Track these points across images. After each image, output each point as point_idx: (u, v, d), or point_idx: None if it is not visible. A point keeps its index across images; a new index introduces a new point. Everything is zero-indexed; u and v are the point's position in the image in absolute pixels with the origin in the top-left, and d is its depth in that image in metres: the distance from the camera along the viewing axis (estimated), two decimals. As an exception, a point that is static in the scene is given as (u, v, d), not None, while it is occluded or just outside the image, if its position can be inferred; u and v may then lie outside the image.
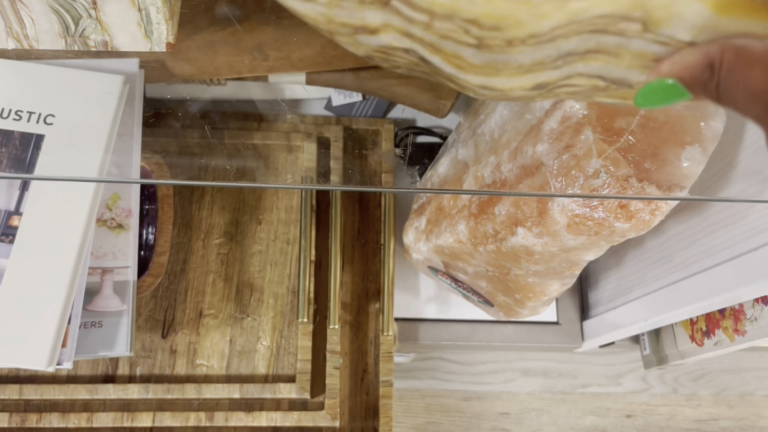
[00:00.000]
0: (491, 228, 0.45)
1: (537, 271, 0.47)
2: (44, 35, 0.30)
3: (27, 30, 0.30)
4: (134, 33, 0.31)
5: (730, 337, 0.48)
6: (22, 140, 0.50)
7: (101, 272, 0.52)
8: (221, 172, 0.65)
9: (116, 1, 0.29)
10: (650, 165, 0.36)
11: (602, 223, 0.38)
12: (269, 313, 0.61)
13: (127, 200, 0.53)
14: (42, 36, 0.30)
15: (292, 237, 0.63)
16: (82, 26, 0.30)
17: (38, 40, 0.30)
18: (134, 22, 0.30)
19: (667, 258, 0.51)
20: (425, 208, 0.54)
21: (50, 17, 0.29)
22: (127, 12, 0.29)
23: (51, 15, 0.29)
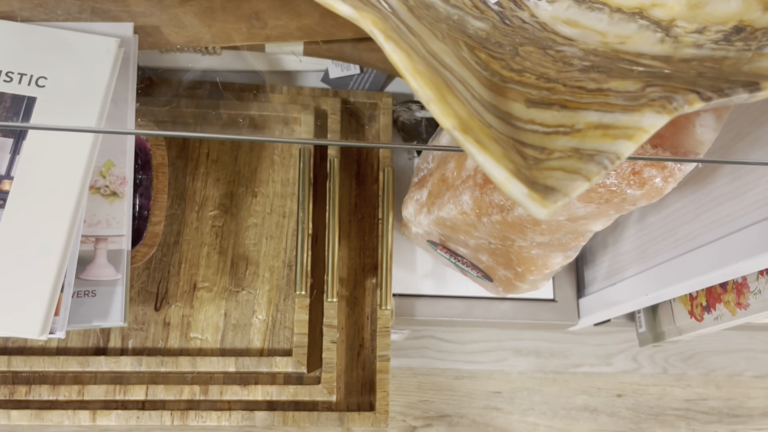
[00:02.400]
0: (497, 197, 0.44)
1: (541, 242, 0.46)
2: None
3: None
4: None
5: (732, 311, 0.48)
6: (13, 102, 0.48)
7: (95, 240, 0.50)
8: (216, 142, 0.63)
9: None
10: (664, 131, 0.36)
11: (614, 190, 0.38)
12: (265, 287, 0.60)
13: (121, 168, 0.52)
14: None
15: (288, 210, 0.62)
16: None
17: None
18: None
19: (669, 233, 0.51)
20: (427, 180, 0.53)
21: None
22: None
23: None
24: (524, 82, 0.28)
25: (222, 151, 0.63)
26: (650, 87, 0.24)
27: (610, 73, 0.26)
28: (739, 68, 0.24)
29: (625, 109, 0.24)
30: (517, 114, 0.27)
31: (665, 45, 0.27)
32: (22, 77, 0.49)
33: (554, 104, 0.26)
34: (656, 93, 0.24)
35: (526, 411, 0.79)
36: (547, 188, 0.22)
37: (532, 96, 0.27)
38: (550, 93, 0.27)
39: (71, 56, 0.50)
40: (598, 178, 0.22)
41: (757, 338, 0.85)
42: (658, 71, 0.26)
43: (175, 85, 0.63)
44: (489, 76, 0.29)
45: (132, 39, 0.55)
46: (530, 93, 0.27)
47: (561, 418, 0.79)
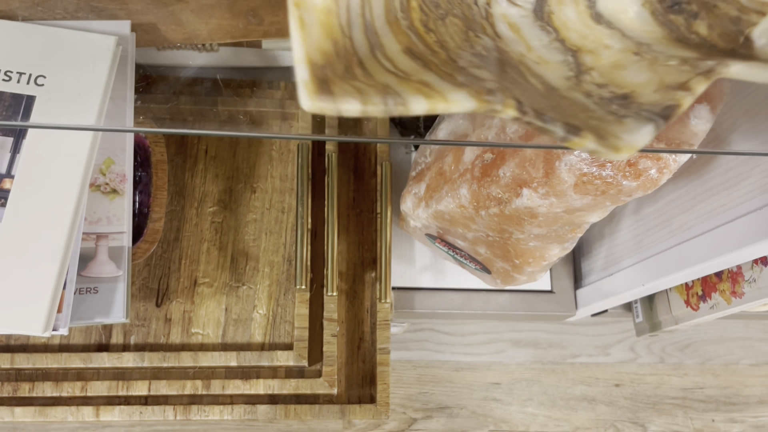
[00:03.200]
0: (495, 190, 0.44)
1: (539, 234, 0.47)
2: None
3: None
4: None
5: (727, 299, 0.49)
6: (12, 101, 0.48)
7: (95, 237, 0.50)
8: (215, 140, 0.64)
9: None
10: (659, 123, 0.36)
11: (610, 181, 0.38)
12: (265, 282, 0.60)
13: (121, 165, 0.52)
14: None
15: (287, 206, 0.63)
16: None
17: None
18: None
19: (665, 223, 0.51)
20: (424, 174, 0.54)
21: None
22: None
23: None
24: (424, 39, 0.29)
25: (220, 148, 0.64)
26: (494, 83, 0.25)
27: (489, 68, 0.27)
28: (587, 119, 0.24)
29: (453, 82, 0.25)
30: (388, 50, 0.28)
31: (566, 81, 0.28)
32: (21, 76, 0.49)
33: (422, 61, 0.27)
34: (488, 85, 0.25)
35: (525, 402, 0.79)
36: (328, 90, 0.24)
37: (415, 49, 0.28)
38: (433, 56, 0.28)
39: (70, 55, 0.51)
40: (365, 107, 0.24)
41: (753, 327, 0.85)
42: (529, 86, 0.27)
43: (172, 82, 0.64)
44: (399, 15, 0.30)
45: (129, 37, 0.55)
46: (417, 46, 0.28)
47: (560, 408, 0.80)
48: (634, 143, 0.23)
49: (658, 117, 0.24)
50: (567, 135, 0.24)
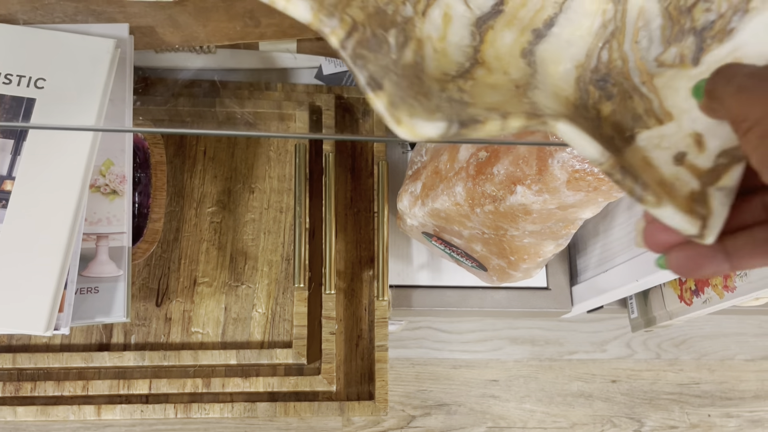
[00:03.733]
0: (490, 188, 0.45)
1: (533, 231, 0.48)
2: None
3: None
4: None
5: (719, 294, 0.50)
6: (12, 104, 0.49)
7: (96, 238, 0.51)
8: (213, 139, 0.64)
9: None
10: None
11: (602, 177, 0.39)
12: (264, 281, 0.61)
13: (120, 166, 0.53)
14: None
15: (285, 205, 0.63)
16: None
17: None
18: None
19: (658, 219, 0.52)
20: (421, 172, 0.55)
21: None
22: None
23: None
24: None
25: (219, 149, 0.64)
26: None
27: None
28: (405, 90, 0.25)
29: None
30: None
31: (439, 73, 0.28)
32: (21, 79, 0.50)
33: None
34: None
35: (523, 398, 0.80)
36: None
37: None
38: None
39: (69, 58, 0.51)
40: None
41: (748, 322, 0.86)
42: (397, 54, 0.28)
43: (171, 84, 0.64)
44: None
45: (128, 39, 0.56)
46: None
47: (557, 405, 0.80)
48: (417, 126, 0.23)
49: (457, 121, 0.24)
50: (366, 85, 0.24)
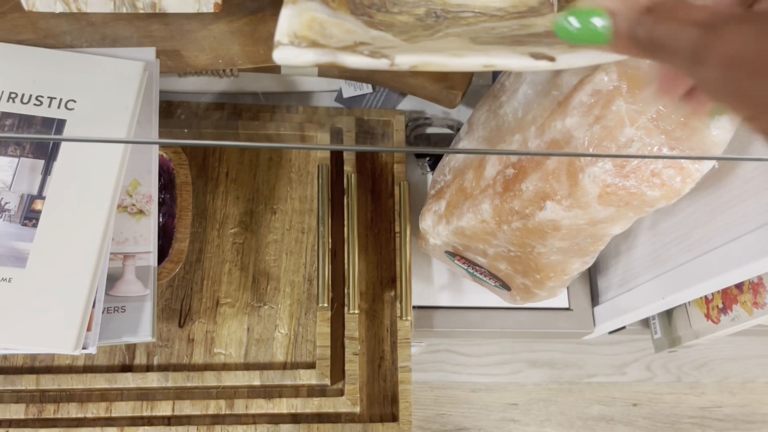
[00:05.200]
0: (518, 205, 0.45)
1: (561, 247, 0.48)
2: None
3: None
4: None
5: (748, 311, 0.49)
6: (43, 125, 0.50)
7: (123, 257, 0.51)
8: (235, 160, 0.65)
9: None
10: (681, 133, 0.37)
11: (634, 192, 0.39)
12: (286, 302, 0.61)
13: (147, 186, 0.53)
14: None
15: (307, 226, 0.63)
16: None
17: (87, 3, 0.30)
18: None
19: (683, 237, 0.52)
20: (444, 191, 0.55)
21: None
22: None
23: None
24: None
25: (241, 170, 0.65)
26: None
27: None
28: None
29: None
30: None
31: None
32: (52, 101, 0.51)
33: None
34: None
35: (543, 422, 0.79)
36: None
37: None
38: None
39: (99, 79, 0.52)
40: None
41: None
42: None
43: (194, 107, 0.65)
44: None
45: (154, 63, 0.57)
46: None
47: (577, 429, 0.79)
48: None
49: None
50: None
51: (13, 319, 0.45)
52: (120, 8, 0.30)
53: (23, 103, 0.50)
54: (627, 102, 0.38)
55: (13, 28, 0.53)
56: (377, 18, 0.34)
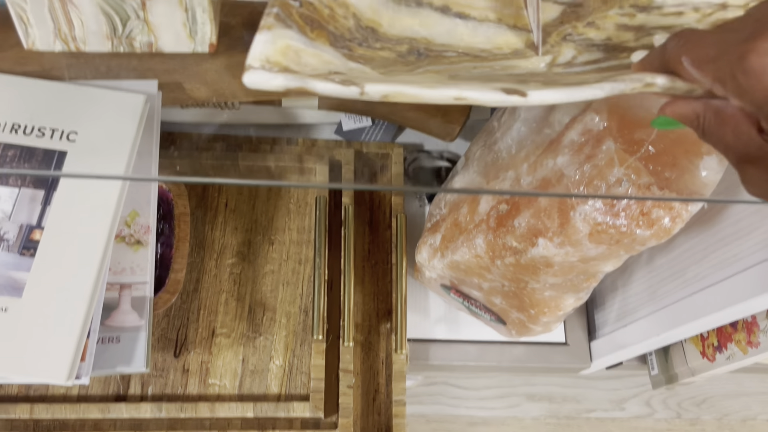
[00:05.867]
0: (511, 240, 0.46)
1: (554, 283, 0.48)
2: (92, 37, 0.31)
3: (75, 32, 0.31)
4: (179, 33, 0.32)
5: (743, 350, 0.49)
6: (45, 156, 0.51)
7: (119, 287, 0.52)
8: (235, 192, 0.65)
9: (165, 2, 0.30)
10: (670, 174, 0.38)
11: (624, 231, 0.39)
12: (282, 333, 0.61)
13: (145, 217, 0.54)
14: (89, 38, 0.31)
15: (304, 257, 0.64)
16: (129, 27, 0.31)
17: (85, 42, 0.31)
18: (180, 23, 0.31)
19: (678, 274, 0.52)
20: (440, 225, 0.55)
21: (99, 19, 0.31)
22: (174, 13, 0.31)
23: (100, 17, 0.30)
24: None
25: (240, 201, 0.65)
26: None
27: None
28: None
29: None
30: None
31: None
32: (54, 132, 0.51)
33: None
34: None
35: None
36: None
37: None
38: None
39: (100, 112, 0.53)
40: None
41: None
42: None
43: (195, 138, 0.66)
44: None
45: (156, 95, 0.58)
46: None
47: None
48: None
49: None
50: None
51: (7, 349, 0.45)
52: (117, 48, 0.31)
53: (26, 134, 0.51)
54: (617, 142, 0.38)
55: (18, 59, 0.54)
56: (357, 52, 0.35)
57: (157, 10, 0.30)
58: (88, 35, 0.31)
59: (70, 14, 0.30)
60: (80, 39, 0.31)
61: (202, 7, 0.30)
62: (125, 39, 0.31)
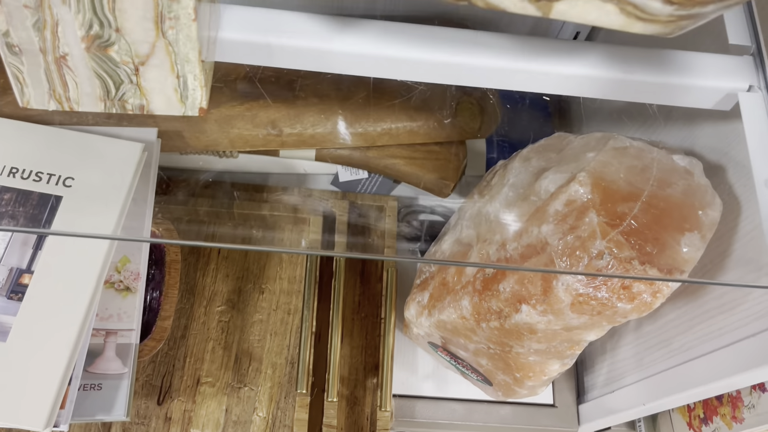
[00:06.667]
0: (495, 304, 0.46)
1: (539, 349, 0.48)
2: (85, 98, 0.32)
3: (70, 93, 0.32)
4: (170, 98, 0.33)
5: (728, 424, 0.48)
6: (40, 201, 0.51)
7: (105, 334, 0.52)
8: (228, 240, 0.66)
9: (158, 68, 0.31)
10: (652, 249, 0.38)
11: (605, 303, 0.39)
12: (267, 384, 0.60)
13: (136, 264, 0.54)
14: (83, 99, 0.32)
15: (294, 307, 0.64)
16: (122, 91, 0.32)
17: (79, 103, 0.32)
18: (171, 88, 0.32)
19: (665, 343, 0.52)
20: (428, 283, 0.55)
21: (93, 82, 0.31)
22: (166, 78, 0.32)
23: (94, 80, 0.31)
24: None
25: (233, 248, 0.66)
26: None
27: None
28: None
29: None
30: None
31: None
32: (51, 177, 0.52)
33: None
34: None
35: None
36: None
37: None
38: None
39: (98, 159, 0.54)
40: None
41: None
42: None
43: (192, 184, 0.67)
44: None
45: (155, 143, 0.59)
46: None
47: None
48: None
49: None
50: None
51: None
52: (110, 109, 0.32)
53: (23, 178, 0.52)
54: (599, 214, 0.39)
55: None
56: None
57: (149, 75, 0.31)
58: (81, 96, 0.32)
59: (65, 77, 0.31)
60: (74, 100, 0.32)
61: (194, 74, 0.31)
62: (118, 101, 0.32)
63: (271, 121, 0.62)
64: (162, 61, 0.31)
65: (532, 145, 0.50)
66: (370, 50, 0.36)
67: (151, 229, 0.57)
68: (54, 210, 0.51)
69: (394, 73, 0.36)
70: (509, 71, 0.35)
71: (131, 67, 0.31)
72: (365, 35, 0.37)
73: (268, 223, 0.66)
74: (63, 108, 0.32)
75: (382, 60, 0.36)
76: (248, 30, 0.36)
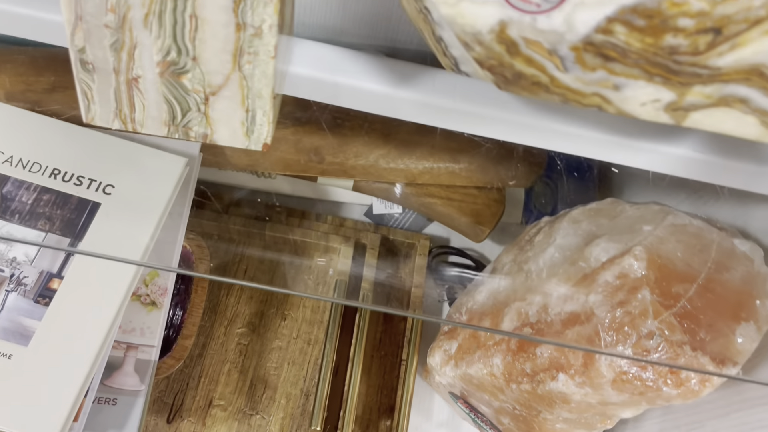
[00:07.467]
0: (530, 368, 0.44)
1: (568, 418, 0.46)
2: (150, 121, 0.32)
3: (136, 114, 0.31)
4: (236, 130, 0.32)
5: None
6: (78, 205, 0.51)
7: (125, 347, 0.51)
8: (256, 262, 0.65)
9: (228, 99, 0.30)
10: (705, 335, 0.37)
11: (650, 385, 0.38)
12: (279, 414, 0.59)
13: (164, 278, 0.53)
14: (148, 121, 0.32)
15: (314, 338, 0.63)
16: (188, 118, 0.31)
17: (143, 125, 0.32)
18: (239, 121, 0.31)
19: (696, 424, 0.50)
20: (458, 332, 0.54)
21: (161, 106, 0.31)
22: (235, 111, 0.31)
23: (162, 104, 0.31)
24: None
25: (260, 270, 0.65)
26: None
27: None
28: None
29: None
30: None
31: None
32: (92, 183, 0.52)
33: None
34: None
35: None
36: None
37: None
38: None
39: (140, 169, 0.53)
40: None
41: None
42: None
43: (227, 200, 0.66)
44: None
45: (197, 157, 0.58)
46: None
47: None
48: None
49: None
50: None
51: (2, 398, 0.44)
52: (173, 134, 0.32)
53: (64, 180, 0.51)
54: (653, 293, 0.38)
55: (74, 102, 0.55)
56: None
57: (218, 106, 0.31)
58: (147, 119, 0.31)
59: (134, 98, 0.30)
60: (138, 121, 0.31)
61: (263, 110, 0.31)
62: (182, 127, 0.32)
63: (315, 148, 0.62)
64: (234, 93, 0.30)
65: (582, 207, 0.49)
66: (437, 102, 0.36)
67: (183, 244, 0.56)
68: (91, 216, 0.51)
69: (464, 127, 0.35)
70: (610, 144, 0.34)
71: (202, 96, 0.30)
72: (434, 84, 0.36)
73: (298, 249, 0.65)
74: (126, 128, 0.31)
75: (452, 112, 0.35)
76: (317, 67, 0.36)
